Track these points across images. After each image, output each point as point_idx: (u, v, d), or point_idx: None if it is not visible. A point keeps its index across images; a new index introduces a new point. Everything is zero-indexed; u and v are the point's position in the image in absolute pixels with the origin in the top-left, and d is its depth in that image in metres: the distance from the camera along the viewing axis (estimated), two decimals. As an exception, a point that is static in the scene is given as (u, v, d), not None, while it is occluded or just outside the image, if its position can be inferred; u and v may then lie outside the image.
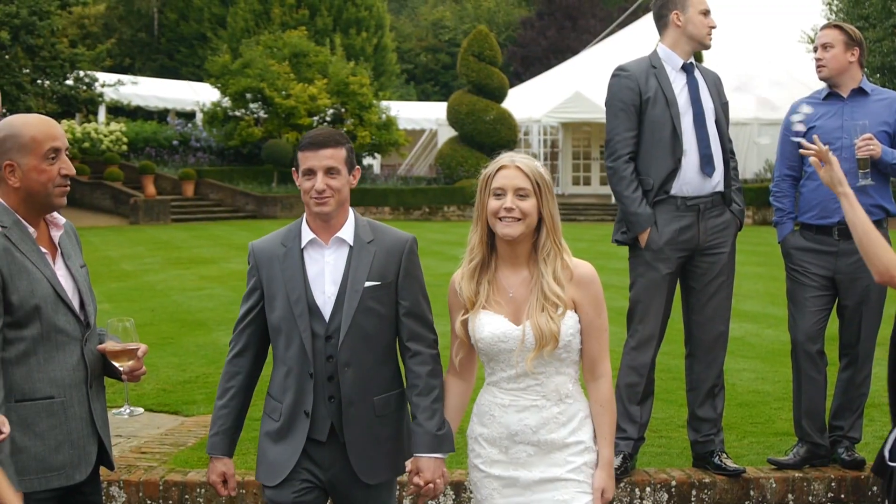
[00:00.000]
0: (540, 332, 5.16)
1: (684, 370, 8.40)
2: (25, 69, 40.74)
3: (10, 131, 5.16)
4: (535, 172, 5.23)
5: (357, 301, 5.44)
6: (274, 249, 5.60)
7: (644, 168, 8.01)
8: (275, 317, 5.54)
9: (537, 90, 52.63)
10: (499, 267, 5.38)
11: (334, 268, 5.50)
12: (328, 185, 5.38)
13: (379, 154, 50.45)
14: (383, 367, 5.59)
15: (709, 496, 8.08)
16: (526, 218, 5.20)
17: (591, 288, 5.33)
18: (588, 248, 28.04)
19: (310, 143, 5.45)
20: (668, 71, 8.06)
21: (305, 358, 5.45)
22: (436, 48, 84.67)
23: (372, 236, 5.57)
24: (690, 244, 8.00)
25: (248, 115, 46.85)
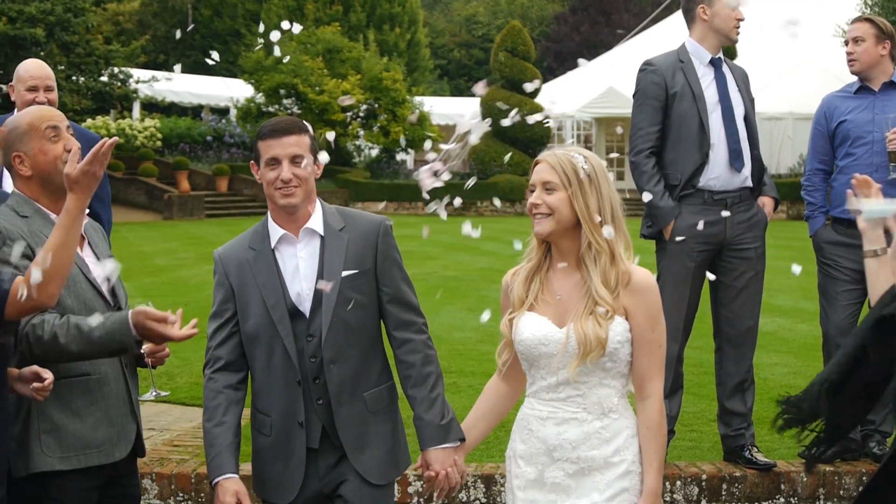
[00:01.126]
0: (584, 338, 4.78)
1: (714, 364, 8.40)
2: (60, 66, 40.90)
3: (10, 126, 5.28)
4: (564, 164, 4.90)
5: (336, 292, 5.19)
6: (242, 254, 5.32)
7: (671, 162, 8.01)
8: (250, 325, 5.25)
9: (571, 85, 52.53)
10: (552, 267, 5.05)
11: (308, 262, 5.26)
12: (295, 175, 5.16)
13: (412, 149, 50.43)
14: (371, 360, 5.35)
15: (739, 490, 8.08)
16: (554, 213, 4.88)
17: (647, 297, 4.93)
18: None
19: (272, 130, 5.22)
20: (695, 65, 8.05)
21: (291, 365, 5.20)
22: (469, 43, 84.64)
23: (343, 223, 5.35)
24: (717, 238, 8.00)
25: (282, 110, 46.89)
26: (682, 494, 8.05)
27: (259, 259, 5.26)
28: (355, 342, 5.27)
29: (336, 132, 45.14)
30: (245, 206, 42.86)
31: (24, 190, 5.28)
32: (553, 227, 4.91)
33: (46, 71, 8.15)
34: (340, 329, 5.21)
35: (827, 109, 8.43)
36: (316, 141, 5.34)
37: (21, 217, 5.17)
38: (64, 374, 5.13)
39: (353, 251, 5.27)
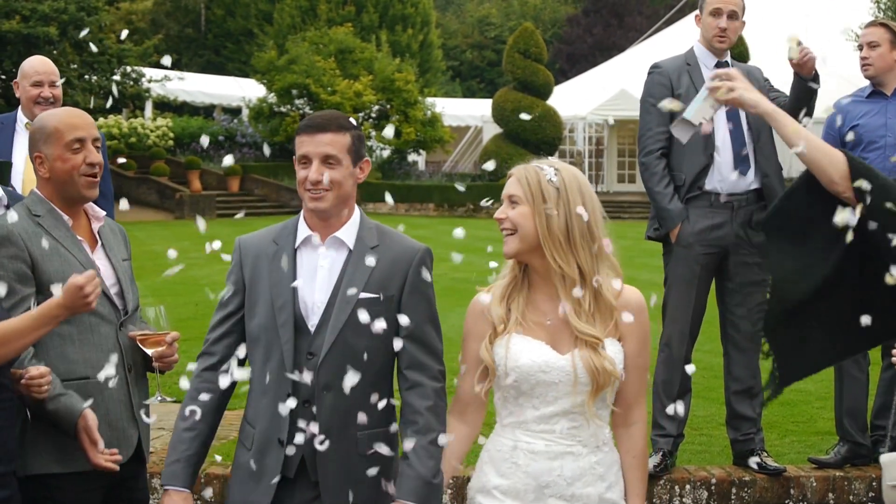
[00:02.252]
0: (594, 369, 4.49)
1: (723, 368, 8.39)
2: (73, 64, 40.96)
3: (38, 124, 5.35)
4: (529, 176, 4.62)
5: (348, 314, 4.68)
6: (264, 247, 4.88)
7: (676, 164, 8.02)
8: (254, 325, 4.82)
9: (583, 87, 52.53)
10: (534, 286, 4.70)
11: (328, 272, 4.78)
12: (325, 176, 4.69)
13: (424, 151, 50.47)
14: (369, 396, 4.72)
15: (749, 494, 8.07)
16: (518, 230, 4.58)
17: (640, 319, 4.67)
18: (633, 245, 27.89)
19: (307, 125, 4.77)
20: (702, 68, 8.05)
21: (283, 376, 4.70)
22: (481, 45, 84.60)
23: (377, 241, 4.83)
24: (723, 242, 7.98)
25: (294, 110, 46.94)
26: (692, 498, 8.04)
27: (279, 256, 4.80)
28: (359, 372, 4.63)
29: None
30: (256, 205, 42.84)
31: (41, 189, 5.37)
32: (518, 245, 4.60)
33: (51, 66, 8.19)
34: (343, 353, 4.69)
35: (839, 114, 8.40)
36: (362, 141, 4.87)
37: (33, 216, 5.24)
38: (64, 378, 5.16)
39: (380, 274, 4.75)
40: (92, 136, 5.34)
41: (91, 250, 5.39)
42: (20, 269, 5.15)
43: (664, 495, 8.04)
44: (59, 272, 5.16)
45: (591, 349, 4.52)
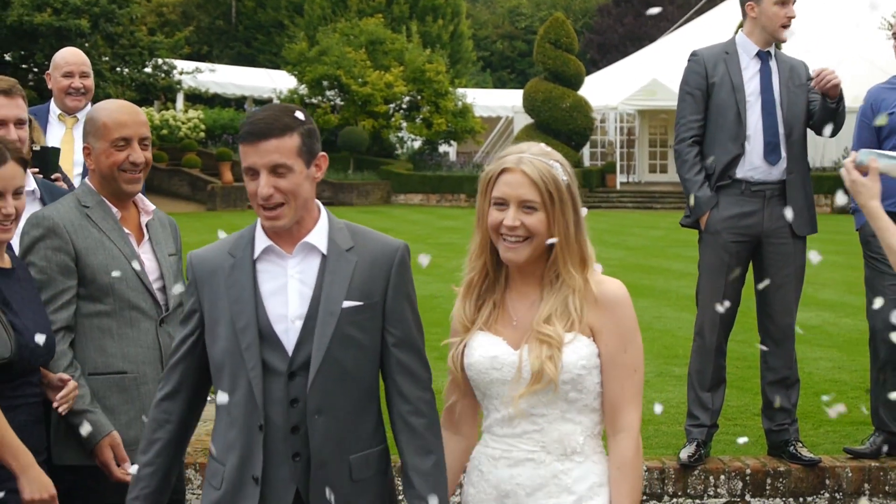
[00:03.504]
0: (535, 363, 4.09)
1: (758, 358, 8.35)
2: (105, 57, 41.09)
3: (90, 116, 5.41)
4: (546, 178, 4.12)
5: (333, 327, 4.18)
6: (219, 260, 4.32)
7: (708, 152, 7.99)
8: (217, 350, 4.28)
9: (614, 77, 52.43)
10: (510, 286, 4.32)
11: (301, 283, 4.25)
12: (277, 189, 4.13)
13: (455, 141, 50.46)
14: (363, 416, 4.33)
15: (784, 485, 8.03)
16: (534, 238, 4.13)
17: (617, 312, 4.18)
18: (664, 235, 27.95)
19: (248, 132, 4.16)
20: (740, 57, 8.01)
21: (253, 405, 4.17)
22: (512, 35, 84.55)
23: (352, 242, 4.31)
24: (754, 230, 7.93)
25: (325, 102, 47.05)
26: (726, 489, 8.01)
27: (236, 269, 4.27)
28: (349, 390, 4.26)
29: (379, 124, 45.26)
30: (288, 197, 42.86)
31: (91, 180, 5.44)
32: (531, 253, 4.17)
33: (82, 57, 8.22)
34: (333, 372, 4.21)
35: (873, 102, 8.35)
36: (314, 134, 4.29)
37: (82, 207, 5.28)
38: (101, 371, 5.18)
39: (360, 278, 4.26)
40: (139, 134, 5.35)
41: (137, 244, 5.41)
42: (63, 261, 5.18)
43: (698, 486, 8.01)
44: (103, 265, 5.20)
45: (544, 344, 4.09)
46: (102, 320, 5.21)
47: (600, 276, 4.25)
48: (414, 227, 31.98)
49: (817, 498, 8.05)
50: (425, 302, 17.20)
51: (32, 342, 4.84)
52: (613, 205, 43.51)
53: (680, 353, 11.81)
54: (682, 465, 7.97)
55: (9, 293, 4.86)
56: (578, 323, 4.14)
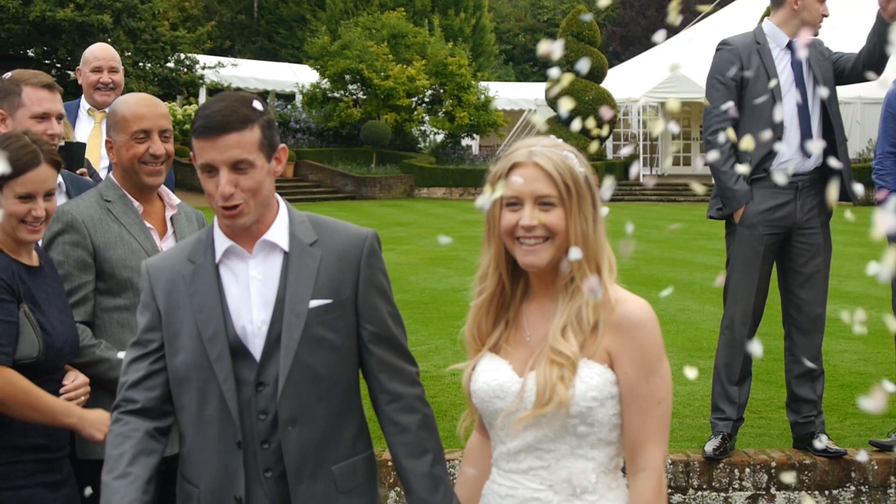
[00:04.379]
0: (542, 386, 3.59)
1: (783, 351, 8.32)
2: (127, 52, 41.16)
3: (111, 110, 5.46)
4: (562, 170, 3.67)
5: (301, 329, 3.87)
6: (178, 268, 4.00)
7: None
8: (179, 362, 3.92)
9: (637, 70, 52.31)
10: (527, 298, 3.85)
11: (264, 284, 3.94)
12: (239, 187, 3.82)
13: (477, 135, 50.43)
14: (344, 422, 4.03)
15: (809, 477, 8.01)
16: (555, 237, 3.65)
17: (638, 337, 3.63)
18: (689, 227, 27.88)
19: (204, 126, 3.80)
20: (771, 48, 7.96)
21: (230, 420, 3.85)
22: (534, 28, 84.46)
23: (315, 236, 4.01)
24: (786, 222, 7.91)
25: (347, 96, 47.07)
26: (752, 482, 7.99)
27: (198, 275, 3.95)
28: (325, 396, 3.95)
29: (401, 118, 45.27)
30: (310, 191, 42.97)
31: (115, 174, 5.46)
32: (553, 255, 3.68)
33: (110, 52, 8.25)
34: (305, 378, 3.89)
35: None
36: (272, 126, 3.96)
37: (104, 201, 5.30)
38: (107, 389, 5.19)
39: (327, 274, 3.96)
40: (158, 127, 5.37)
41: (160, 238, 5.43)
42: (81, 256, 5.20)
43: (723, 479, 7.99)
44: (122, 260, 5.22)
45: (555, 365, 3.60)
46: (122, 314, 5.23)
47: (623, 294, 3.70)
48: (437, 220, 32.01)
49: (843, 491, 8.03)
50: (447, 296, 17.28)
51: (59, 342, 4.87)
52: (637, 197, 43.41)
53: (704, 346, 11.78)
54: (707, 458, 7.96)
55: (37, 292, 4.88)
56: (590, 340, 3.62)
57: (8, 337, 4.73)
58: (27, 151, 4.82)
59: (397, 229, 28.87)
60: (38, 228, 4.87)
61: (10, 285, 4.77)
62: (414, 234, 27.60)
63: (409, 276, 18.63)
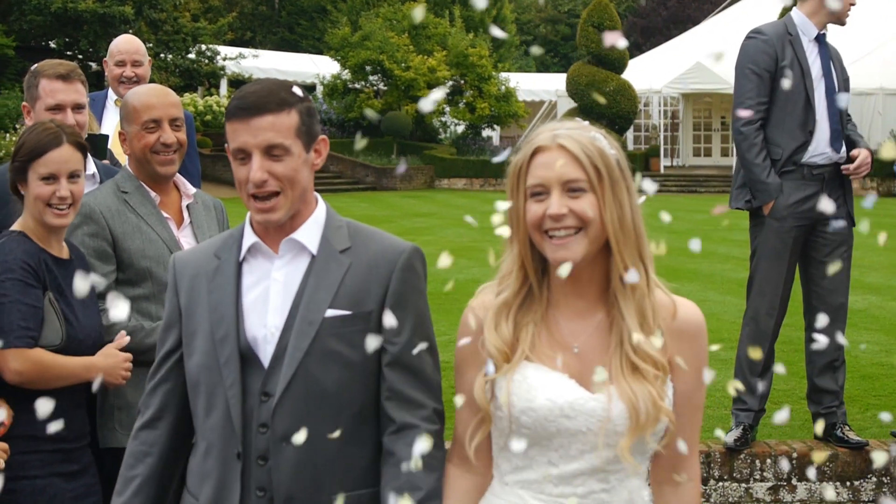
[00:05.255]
0: (634, 404, 3.25)
1: (804, 342, 8.30)
2: (149, 43, 41.24)
3: (123, 101, 5.48)
4: (590, 151, 3.31)
5: (311, 338, 3.54)
6: (203, 263, 3.76)
7: (774, 138, 7.88)
8: (193, 364, 3.69)
9: (658, 61, 52.22)
10: (554, 303, 3.46)
11: (285, 287, 3.64)
12: (272, 174, 3.54)
13: (498, 126, 50.39)
14: (354, 449, 3.62)
15: (831, 469, 8.00)
16: (588, 227, 3.29)
17: (698, 343, 3.42)
18: (709, 219, 27.81)
19: (238, 107, 3.58)
20: (802, 39, 7.92)
21: (231, 429, 3.58)
22: (555, 19, 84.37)
23: (349, 243, 3.68)
24: (813, 213, 7.88)
25: (368, 87, 47.10)
26: (773, 472, 7.98)
27: (220, 272, 3.71)
28: (333, 416, 3.57)
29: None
30: (331, 182, 43.01)
31: (130, 165, 5.48)
32: (587, 248, 3.32)
33: (135, 45, 8.24)
34: (307, 392, 3.55)
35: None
36: (313, 114, 3.69)
37: (121, 192, 5.33)
38: (142, 359, 5.21)
39: (352, 284, 3.62)
40: (169, 116, 5.38)
41: (177, 227, 5.44)
42: (100, 246, 5.22)
43: (744, 469, 7.98)
44: (140, 250, 5.23)
45: (637, 379, 3.29)
46: (142, 304, 5.24)
47: (676, 297, 3.43)
48: (458, 211, 31.97)
49: (864, 482, 8.01)
50: (468, 286, 17.20)
51: (82, 334, 4.90)
52: (657, 189, 43.33)
53: (725, 337, 11.77)
54: (728, 448, 7.95)
55: (64, 283, 4.91)
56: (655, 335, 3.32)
57: (34, 321, 4.78)
58: (49, 133, 4.89)
59: (418, 220, 28.88)
60: (65, 212, 4.90)
61: (37, 271, 4.82)
62: (435, 224, 27.61)
63: (430, 267, 18.61)
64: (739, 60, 7.98)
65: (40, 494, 4.82)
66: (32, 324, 4.77)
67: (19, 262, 4.79)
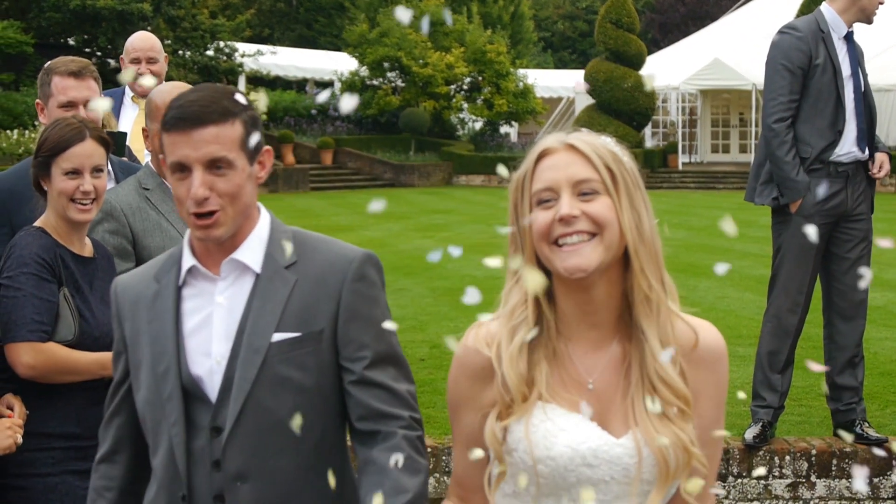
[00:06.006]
0: (663, 453, 2.89)
1: (823, 339, 8.28)
2: (167, 40, 41.33)
3: (149, 97, 5.46)
4: (602, 153, 2.96)
5: (258, 367, 3.27)
6: (142, 288, 3.46)
7: (804, 136, 7.83)
8: (140, 399, 3.42)
9: (676, 57, 52.14)
10: (564, 333, 3.04)
11: (229, 312, 3.35)
12: (214, 190, 3.25)
13: (516, 122, 50.38)
14: (316, 480, 3.34)
15: (849, 465, 7.97)
16: (604, 231, 2.90)
17: (719, 372, 3.08)
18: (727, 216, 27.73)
19: (177, 118, 3.27)
20: (833, 37, 7.87)
21: (175, 470, 3.31)
22: (573, 16, 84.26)
23: (294, 257, 3.38)
24: (839, 210, 7.85)
25: (386, 84, 47.10)
26: (792, 469, 7.97)
27: (159, 298, 3.41)
28: (289, 448, 3.31)
29: (440, 105, 45.30)
30: (349, 178, 43.07)
31: (153, 163, 5.47)
32: (603, 255, 2.91)
33: (150, 42, 8.26)
34: (260, 425, 3.29)
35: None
36: (258, 124, 3.37)
37: (143, 189, 5.34)
38: None
39: (300, 302, 3.34)
40: None
41: None
42: (120, 243, 5.24)
43: (763, 466, 7.97)
44: (160, 247, 5.23)
45: (663, 421, 2.92)
46: None
47: (692, 319, 3.07)
48: (476, 207, 32.00)
49: (883, 479, 7.99)
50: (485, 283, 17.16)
51: (97, 331, 4.90)
52: (675, 185, 43.30)
53: (744, 334, 11.74)
54: (747, 445, 7.94)
55: (83, 280, 4.92)
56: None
57: (48, 315, 4.79)
58: (72, 128, 4.89)
59: (436, 217, 28.89)
60: (89, 207, 4.90)
61: (52, 266, 4.82)
62: (453, 221, 27.62)
63: (448, 264, 18.63)
64: (772, 55, 7.92)
65: (52, 492, 4.81)
66: (46, 318, 4.77)
67: (34, 257, 4.79)
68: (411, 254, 20.36)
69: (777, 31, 7.99)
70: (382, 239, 23.03)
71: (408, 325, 12.52)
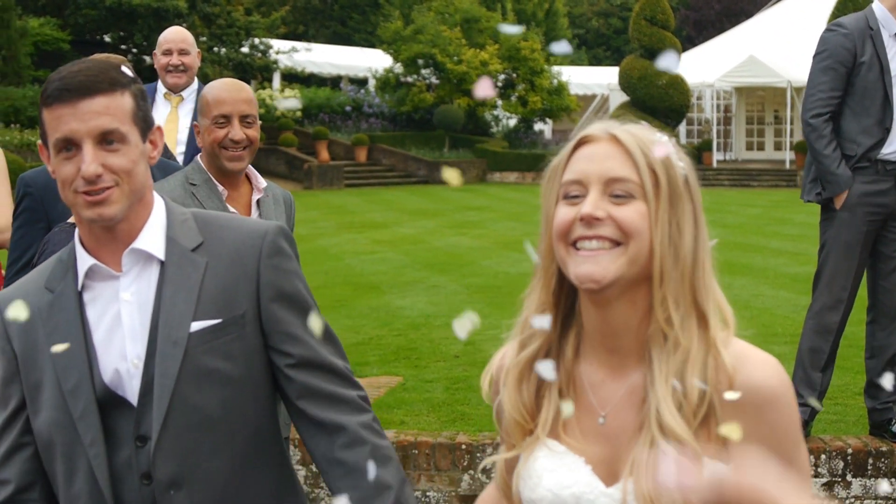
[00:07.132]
0: None
1: (864, 337, 8.23)
2: (202, 37, 41.45)
3: (202, 93, 5.49)
4: (647, 153, 2.50)
5: (179, 361, 2.99)
6: (32, 299, 3.08)
7: (850, 134, 7.78)
8: (42, 423, 3.04)
9: (710, 54, 51.98)
10: (583, 352, 2.64)
11: (139, 308, 3.05)
12: (106, 167, 2.93)
13: (550, 119, 50.33)
14: (255, 478, 3.15)
15: (886, 465, 7.93)
16: (630, 240, 2.46)
17: (769, 418, 2.45)
18: (762, 213, 27.69)
19: (61, 88, 2.92)
20: (884, 34, 7.81)
21: (99, 497, 3.00)
22: (607, 12, 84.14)
23: (200, 238, 3.12)
24: (887, 208, 7.80)
25: (420, 80, 47.11)
26: (827, 468, 7.93)
27: (56, 308, 3.07)
28: (222, 446, 3.07)
29: (474, 102, 45.34)
30: (383, 175, 43.10)
31: (201, 158, 5.49)
32: (625, 268, 2.46)
33: (181, 35, 8.30)
34: (189, 424, 3.02)
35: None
36: (146, 98, 3.10)
37: (189, 185, 5.35)
38: None
39: (214, 285, 3.07)
40: (239, 112, 5.36)
41: None
42: None
43: (798, 465, 7.92)
44: None
45: None
46: None
47: (743, 349, 2.51)
48: (510, 205, 31.98)
49: (920, 479, 7.95)
50: (519, 280, 17.16)
51: None
52: (710, 183, 43.14)
53: (779, 332, 11.69)
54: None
55: None
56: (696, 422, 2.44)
57: None
58: None
59: (470, 214, 28.88)
60: None
61: None
62: (487, 218, 27.60)
63: (482, 261, 18.64)
64: (817, 51, 7.88)
65: None
66: None
67: None
68: (445, 250, 20.38)
69: (825, 28, 7.97)
70: (417, 236, 23.06)
71: (442, 321, 12.52)
